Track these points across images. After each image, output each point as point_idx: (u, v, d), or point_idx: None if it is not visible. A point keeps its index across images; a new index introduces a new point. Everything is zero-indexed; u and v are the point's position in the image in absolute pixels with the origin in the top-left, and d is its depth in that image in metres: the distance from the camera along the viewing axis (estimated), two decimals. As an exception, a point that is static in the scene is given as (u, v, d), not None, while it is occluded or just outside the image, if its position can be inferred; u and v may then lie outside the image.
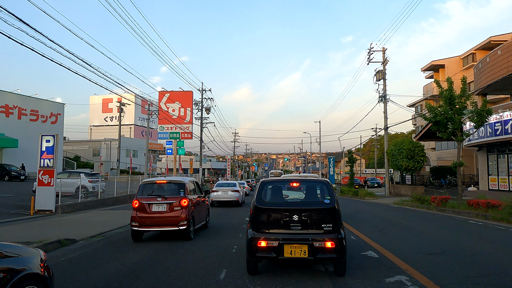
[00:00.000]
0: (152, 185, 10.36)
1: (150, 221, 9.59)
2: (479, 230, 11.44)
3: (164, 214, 9.63)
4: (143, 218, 9.57)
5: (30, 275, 3.70)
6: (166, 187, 10.40)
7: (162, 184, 10.50)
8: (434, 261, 7.05)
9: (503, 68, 21.35)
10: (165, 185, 10.48)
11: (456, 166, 17.65)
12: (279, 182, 6.81)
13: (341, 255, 5.73)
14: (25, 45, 12.30)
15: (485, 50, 36.27)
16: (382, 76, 32.53)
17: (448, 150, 40.81)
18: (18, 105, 36.18)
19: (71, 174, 22.95)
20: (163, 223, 9.61)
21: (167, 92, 43.98)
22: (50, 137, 16.23)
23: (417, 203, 20.17)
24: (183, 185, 10.19)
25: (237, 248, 8.37)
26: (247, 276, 6.08)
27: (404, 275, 6.07)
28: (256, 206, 6.10)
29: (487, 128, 20.91)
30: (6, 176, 29.13)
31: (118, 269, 6.74)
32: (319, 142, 63.25)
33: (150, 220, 9.58)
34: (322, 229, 5.83)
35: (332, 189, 6.35)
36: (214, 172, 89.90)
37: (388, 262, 7.02)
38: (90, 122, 65.33)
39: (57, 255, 8.05)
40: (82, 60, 15.31)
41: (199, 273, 6.34)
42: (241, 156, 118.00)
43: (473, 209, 15.18)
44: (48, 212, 15.77)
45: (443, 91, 17.60)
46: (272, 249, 5.77)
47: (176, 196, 9.84)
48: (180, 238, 9.85)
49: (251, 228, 6.07)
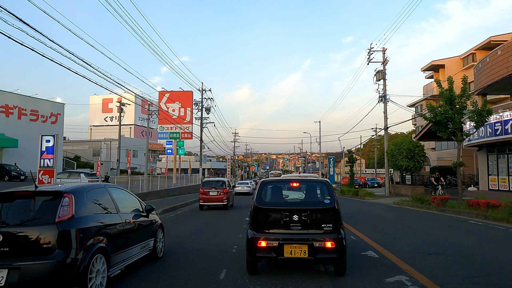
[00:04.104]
0: (209, 181, 19.85)
1: (208, 199, 18.88)
2: (479, 230, 11.44)
3: (215, 196, 18.84)
4: (204, 198, 18.90)
5: (160, 224, 7.83)
6: (215, 182, 19.53)
7: (214, 181, 20.00)
8: (434, 261, 7.05)
9: (503, 68, 21.35)
10: (215, 182, 19.72)
11: (456, 166, 17.65)
12: (279, 182, 6.80)
13: (341, 255, 5.73)
14: (25, 45, 12.30)
15: (485, 50, 36.25)
16: (382, 76, 32.54)
17: (448, 150, 40.79)
18: (18, 105, 36.16)
19: (71, 174, 22.99)
20: (215, 201, 18.85)
21: (167, 92, 44.01)
22: (50, 137, 16.15)
23: (417, 203, 20.17)
24: (224, 182, 19.68)
25: (237, 248, 8.36)
26: (247, 276, 6.08)
27: (404, 275, 6.07)
28: (256, 206, 6.10)
29: (487, 128, 20.90)
30: (6, 176, 29.12)
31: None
32: (319, 142, 63.29)
33: (208, 199, 18.87)
34: (322, 229, 5.83)
35: (332, 189, 6.35)
36: (214, 172, 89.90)
37: (388, 262, 7.02)
38: (90, 122, 65.34)
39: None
40: (82, 60, 15.31)
41: (199, 273, 6.33)
42: (241, 156, 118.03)
43: (473, 209, 15.18)
44: (48, 212, 15.75)
45: (443, 91, 17.60)
46: (272, 249, 5.77)
47: (221, 187, 19.07)
48: (223, 209, 19.04)
49: (251, 228, 6.07)
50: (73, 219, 4.83)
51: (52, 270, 4.42)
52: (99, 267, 5.04)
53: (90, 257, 4.81)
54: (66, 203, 4.89)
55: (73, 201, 4.96)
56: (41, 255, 4.47)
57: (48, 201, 4.99)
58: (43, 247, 4.50)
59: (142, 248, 6.67)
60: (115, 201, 6.12)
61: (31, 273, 4.38)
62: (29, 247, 4.53)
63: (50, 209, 4.83)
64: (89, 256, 4.80)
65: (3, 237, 4.48)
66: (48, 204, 4.94)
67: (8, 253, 4.46)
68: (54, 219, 4.70)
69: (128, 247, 6.06)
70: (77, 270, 4.60)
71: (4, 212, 4.92)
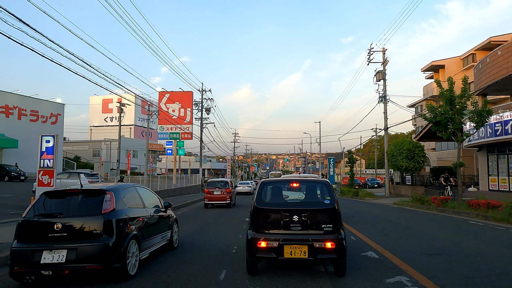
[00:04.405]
0: (213, 182, 21.75)
1: (213, 198, 20.43)
2: (479, 230, 11.43)
3: (219, 196, 20.36)
4: (209, 197, 20.48)
5: (175, 218, 8.96)
6: (219, 183, 21.35)
7: (218, 181, 21.80)
8: (434, 262, 7.03)
9: (503, 69, 21.33)
10: (219, 182, 21.55)
11: (457, 167, 17.62)
12: (279, 183, 6.78)
13: (341, 256, 5.71)
14: (25, 45, 12.29)
15: (485, 50, 36.24)
16: (382, 77, 32.54)
17: (448, 150, 40.76)
18: (18, 105, 36.17)
19: (71, 174, 22.93)
20: (218, 200, 20.35)
21: (167, 93, 43.98)
22: (50, 137, 16.11)
23: (417, 204, 20.16)
24: (227, 182, 21.45)
25: (237, 249, 8.35)
26: (247, 276, 6.07)
27: (405, 275, 6.06)
28: (256, 206, 6.08)
29: (487, 128, 20.89)
30: (6, 176, 29.11)
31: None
32: (319, 143, 63.28)
33: (212, 198, 20.43)
34: (322, 229, 5.81)
35: (332, 189, 6.34)
36: (214, 172, 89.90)
37: (388, 262, 7.00)
38: (90, 123, 65.32)
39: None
40: (82, 60, 15.30)
41: (198, 273, 6.32)
42: (241, 157, 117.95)
43: (473, 209, 15.17)
44: (48, 212, 15.75)
45: (443, 91, 17.58)
46: (272, 250, 5.75)
47: (224, 187, 20.67)
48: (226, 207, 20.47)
49: (251, 229, 6.06)
50: (114, 211, 6.02)
51: (100, 251, 5.60)
52: (133, 250, 6.25)
53: (128, 241, 6.00)
54: (109, 199, 6.08)
55: (113, 197, 6.16)
56: (91, 239, 5.68)
57: (94, 197, 6.19)
58: (93, 232, 5.72)
59: (162, 238, 7.84)
60: (142, 198, 7.39)
61: (85, 253, 5.56)
62: (82, 233, 5.71)
63: (96, 203, 6.01)
64: (127, 241, 5.98)
65: (62, 225, 5.68)
66: (94, 200, 6.13)
67: (67, 237, 5.65)
68: (101, 211, 5.89)
69: (152, 236, 7.24)
70: (118, 251, 5.77)
71: (60, 206, 6.16)
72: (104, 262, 5.60)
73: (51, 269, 5.51)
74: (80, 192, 6.25)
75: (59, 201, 6.26)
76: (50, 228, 5.69)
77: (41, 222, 5.81)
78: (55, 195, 6.30)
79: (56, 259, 5.51)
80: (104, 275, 5.77)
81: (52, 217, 5.87)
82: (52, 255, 5.54)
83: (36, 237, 5.74)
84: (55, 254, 5.54)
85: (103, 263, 5.59)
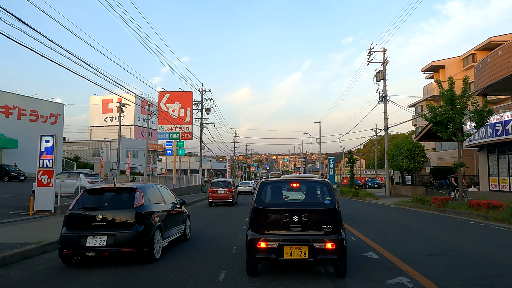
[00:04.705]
0: (217, 182, 23.23)
1: (216, 197, 21.79)
2: (480, 231, 11.38)
3: (222, 195, 21.79)
4: (213, 196, 21.83)
5: (188, 214, 10.03)
6: (222, 183, 22.80)
7: (221, 181, 23.27)
8: (436, 263, 6.98)
9: (504, 69, 21.28)
10: (222, 182, 23.04)
11: (457, 167, 17.56)
12: (279, 183, 6.73)
13: (341, 257, 5.66)
14: (24, 44, 12.24)
15: (486, 50, 36.20)
16: (382, 77, 32.49)
17: (449, 150, 40.72)
18: (18, 105, 36.12)
19: (71, 174, 22.86)
20: (222, 199, 21.81)
21: (167, 93, 43.90)
22: (49, 137, 16.15)
23: (417, 204, 20.11)
24: (230, 182, 23.19)
25: (237, 249, 8.30)
26: (247, 277, 6.02)
27: (405, 276, 6.01)
28: (256, 207, 6.03)
29: (487, 128, 20.85)
30: (6, 176, 29.05)
31: (116, 270, 6.67)
32: (319, 143, 63.22)
33: (216, 197, 21.79)
34: (323, 230, 5.76)
35: (332, 189, 6.28)
36: (214, 172, 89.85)
37: (389, 263, 6.95)
38: (90, 123, 65.26)
39: (56, 256, 7.91)
40: (82, 60, 15.26)
41: (197, 274, 6.27)
42: (241, 157, 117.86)
43: (474, 209, 15.12)
44: (47, 212, 15.69)
45: (444, 91, 17.52)
46: (272, 250, 5.70)
47: (228, 186, 22.20)
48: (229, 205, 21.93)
49: (250, 229, 6.01)
50: (143, 205, 7.26)
51: (133, 237, 6.81)
52: (158, 238, 7.49)
53: (154, 230, 7.22)
54: (138, 195, 7.30)
55: (142, 194, 7.39)
56: (126, 227, 6.90)
57: (126, 194, 7.44)
58: (127, 222, 6.94)
59: (177, 230, 9.07)
60: (162, 195, 8.70)
61: (121, 238, 6.76)
62: (118, 222, 6.95)
63: (129, 199, 7.28)
64: (153, 229, 7.22)
65: (102, 216, 6.90)
66: (127, 196, 7.39)
67: (106, 226, 6.90)
68: (133, 205, 7.13)
69: (171, 228, 8.49)
70: (147, 238, 6.99)
71: (99, 201, 7.37)
72: (136, 246, 6.80)
73: (94, 251, 6.81)
74: (114, 190, 7.55)
75: (97, 197, 7.48)
76: (92, 218, 6.91)
77: (85, 213, 7.06)
78: (94, 192, 7.55)
79: (98, 243, 6.74)
80: (135, 257, 7.04)
81: (93, 209, 7.09)
82: (95, 240, 6.76)
83: (81, 226, 6.96)
84: (97, 239, 6.76)
85: (135, 247, 6.80)
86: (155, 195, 8.21)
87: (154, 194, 8.15)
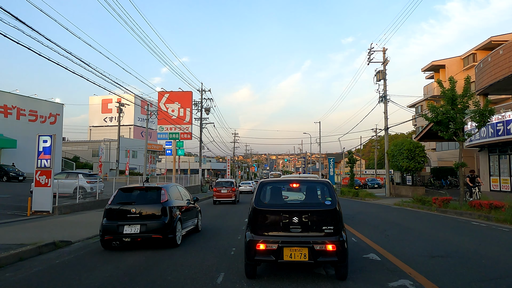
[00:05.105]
0: (220, 182, 25.29)
1: (220, 196, 23.86)
2: (482, 231, 11.25)
3: (226, 194, 23.86)
4: (217, 195, 23.87)
5: (199, 209, 11.72)
6: (226, 183, 25.04)
7: (224, 181, 25.55)
8: (438, 264, 6.85)
9: (505, 68, 21.14)
10: (225, 182, 25.20)
11: (458, 167, 17.42)
12: (278, 183, 6.59)
13: (342, 258, 5.53)
14: (21, 43, 12.11)
15: (486, 50, 36.10)
16: (382, 76, 32.37)
17: (449, 150, 40.61)
18: (17, 105, 35.97)
19: (69, 174, 22.72)
20: (225, 197, 23.88)
21: (167, 93, 43.73)
22: (47, 137, 16.03)
23: (418, 204, 19.98)
24: (232, 182, 25.27)
25: (236, 251, 8.17)
26: (246, 280, 5.88)
27: (408, 279, 5.87)
28: (255, 207, 5.89)
29: (488, 128, 20.72)
30: (5, 176, 28.90)
31: (112, 272, 6.54)
32: (319, 143, 63.12)
33: (220, 196, 23.87)
34: (323, 231, 5.62)
35: (333, 190, 6.14)
36: (214, 173, 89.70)
37: (390, 265, 6.82)
38: (89, 123, 65.18)
39: (52, 257, 7.85)
40: (80, 59, 15.13)
41: (195, 277, 6.14)
42: (241, 157, 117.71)
43: (476, 210, 14.98)
44: (45, 213, 15.57)
45: (445, 91, 17.38)
46: (271, 252, 5.56)
47: (230, 186, 24.28)
48: (232, 203, 23.82)
49: (249, 231, 5.87)
50: (168, 201, 8.93)
51: (160, 226, 8.45)
52: (179, 228, 9.09)
53: (176, 221, 8.85)
54: (164, 193, 8.96)
55: (166, 192, 9.06)
56: (155, 218, 8.52)
57: (154, 192, 9.06)
58: (155, 214, 8.57)
59: (192, 222, 10.66)
60: (180, 193, 10.46)
61: (151, 227, 8.38)
62: (149, 215, 8.58)
63: (156, 196, 8.93)
64: (175, 220, 8.85)
65: (135, 209, 8.53)
66: (154, 193, 9.03)
67: (139, 217, 8.52)
68: (160, 201, 8.78)
69: (187, 220, 10.12)
70: (171, 227, 8.61)
71: (132, 197, 9.02)
72: (163, 233, 8.41)
73: (129, 237, 8.42)
74: (144, 188, 9.17)
75: (130, 194, 9.10)
76: (128, 211, 8.53)
77: (122, 207, 8.64)
78: (127, 190, 9.23)
79: (133, 230, 8.33)
80: (162, 243, 8.65)
81: (128, 204, 8.70)
82: (131, 228, 8.35)
83: (119, 217, 8.52)
84: (132, 228, 8.35)
85: (162, 234, 8.40)
86: (175, 193, 9.89)
87: (174, 192, 9.83)
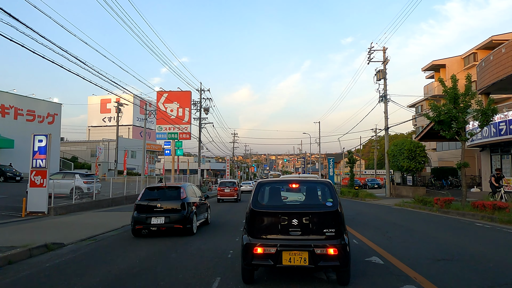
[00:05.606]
0: (224, 182, 28.91)
1: (224, 195, 26.68)
2: (487, 233, 10.96)
3: (228, 193, 26.67)
4: (221, 194, 26.81)
5: (209, 205, 13.85)
6: (228, 182, 28.10)
7: (227, 181, 28.96)
8: (444, 268, 6.56)
9: (508, 67, 20.90)
10: (228, 182, 28.42)
11: (460, 167, 17.13)
12: (277, 183, 6.30)
13: (345, 263, 5.23)
14: (14, 40, 11.82)
15: (487, 49, 35.87)
16: (382, 76, 32.11)
17: (450, 150, 40.36)
18: (14, 105, 35.69)
19: (66, 174, 22.45)
20: (228, 196, 26.66)
21: (165, 92, 43.36)
22: (43, 136, 15.75)
23: (419, 205, 19.69)
24: (235, 182, 28.63)
25: (233, 253, 7.87)
26: (242, 285, 5.60)
27: (413, 284, 5.58)
28: (252, 209, 5.59)
29: (491, 128, 20.48)
30: (2, 177, 28.61)
31: (103, 277, 6.25)
32: (319, 143, 62.93)
33: (224, 194, 26.69)
34: (324, 234, 5.33)
35: (334, 190, 5.84)
36: (213, 173, 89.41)
37: (394, 269, 6.53)
38: (88, 123, 64.88)
39: (42, 260, 7.57)
40: (76, 57, 14.83)
41: (190, 281, 5.84)
42: (240, 157, 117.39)
43: (479, 211, 14.69)
44: (41, 214, 15.29)
45: (447, 90, 17.09)
46: (270, 256, 5.27)
47: (233, 186, 27.17)
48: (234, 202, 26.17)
49: (246, 233, 5.58)
50: (186, 198, 10.73)
51: (181, 218, 10.29)
52: (195, 220, 10.89)
53: (192, 214, 10.68)
54: (182, 191, 10.82)
55: (184, 190, 10.92)
56: (176, 212, 10.32)
57: (174, 190, 10.93)
58: (176, 209, 10.43)
59: (203, 216, 12.44)
60: (195, 191, 12.24)
61: (173, 219, 10.20)
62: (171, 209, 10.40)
63: (177, 193, 10.77)
64: (192, 214, 10.67)
65: (160, 205, 10.42)
66: (175, 191, 10.86)
67: (163, 211, 10.33)
68: (180, 197, 10.63)
69: (200, 214, 11.88)
70: (189, 219, 10.44)
71: (157, 194, 10.83)
72: (183, 224, 10.27)
73: (156, 227, 10.23)
74: (166, 188, 11.02)
75: (155, 192, 10.93)
76: (154, 206, 10.38)
77: (149, 203, 10.45)
78: (152, 189, 11.06)
79: (159, 221, 10.16)
80: (181, 232, 10.39)
81: (155, 200, 10.54)
82: (157, 219, 10.17)
83: (147, 210, 10.34)
84: (158, 219, 10.17)
85: (182, 224, 10.27)
86: (190, 191, 11.63)
87: (190, 190, 11.54)
